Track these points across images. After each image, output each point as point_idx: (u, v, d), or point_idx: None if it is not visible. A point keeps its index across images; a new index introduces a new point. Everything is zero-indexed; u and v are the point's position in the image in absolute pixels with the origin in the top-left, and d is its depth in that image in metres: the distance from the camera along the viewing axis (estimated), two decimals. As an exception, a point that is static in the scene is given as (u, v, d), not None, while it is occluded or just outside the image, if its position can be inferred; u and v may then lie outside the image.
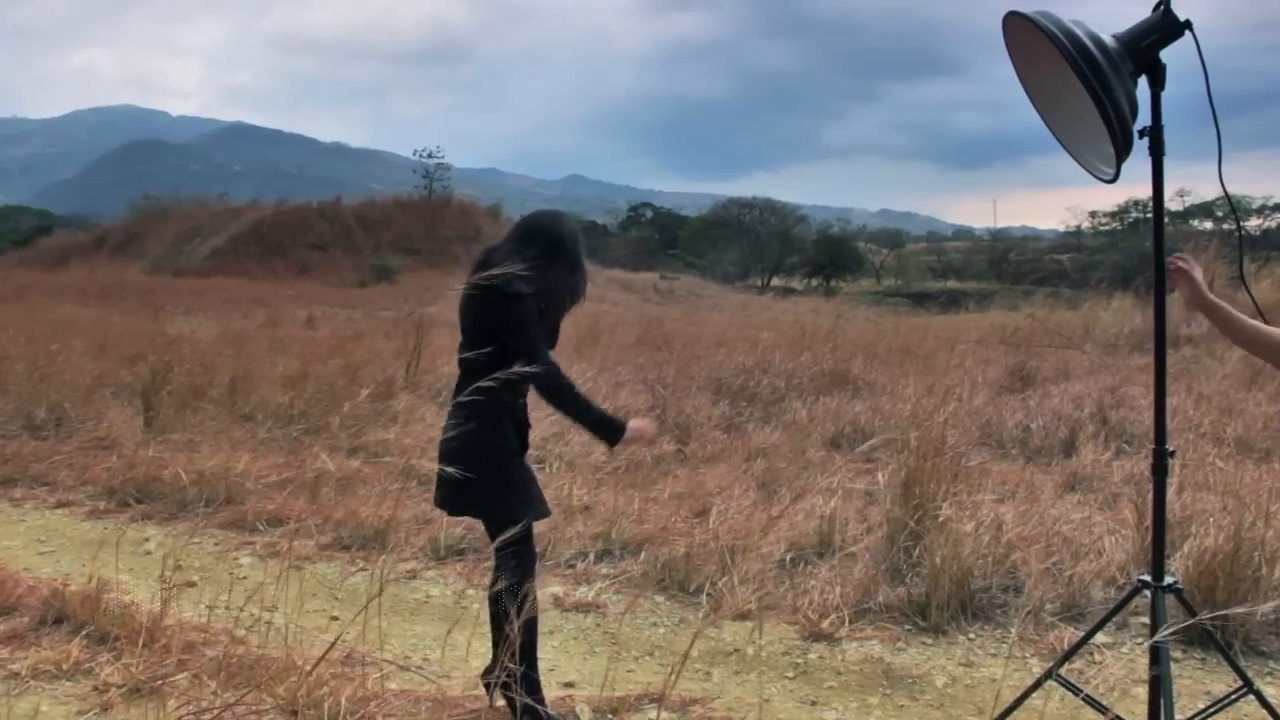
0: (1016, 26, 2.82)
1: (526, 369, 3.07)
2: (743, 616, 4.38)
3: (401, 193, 45.69)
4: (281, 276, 35.37)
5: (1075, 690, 3.18)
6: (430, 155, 45.98)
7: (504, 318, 3.19)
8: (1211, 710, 3.03)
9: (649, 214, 69.80)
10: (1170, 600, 2.84)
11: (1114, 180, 2.86)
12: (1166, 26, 2.71)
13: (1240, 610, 3.72)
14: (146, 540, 5.48)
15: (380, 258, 38.32)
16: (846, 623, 4.25)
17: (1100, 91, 2.62)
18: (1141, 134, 2.75)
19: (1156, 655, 2.77)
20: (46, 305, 17.97)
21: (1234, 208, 2.94)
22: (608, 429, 3.32)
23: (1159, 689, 2.81)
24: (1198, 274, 2.79)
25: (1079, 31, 2.66)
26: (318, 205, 43.33)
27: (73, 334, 11.56)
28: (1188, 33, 2.70)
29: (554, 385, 3.23)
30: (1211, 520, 4.20)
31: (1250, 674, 3.20)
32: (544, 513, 3.46)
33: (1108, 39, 2.69)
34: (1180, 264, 2.79)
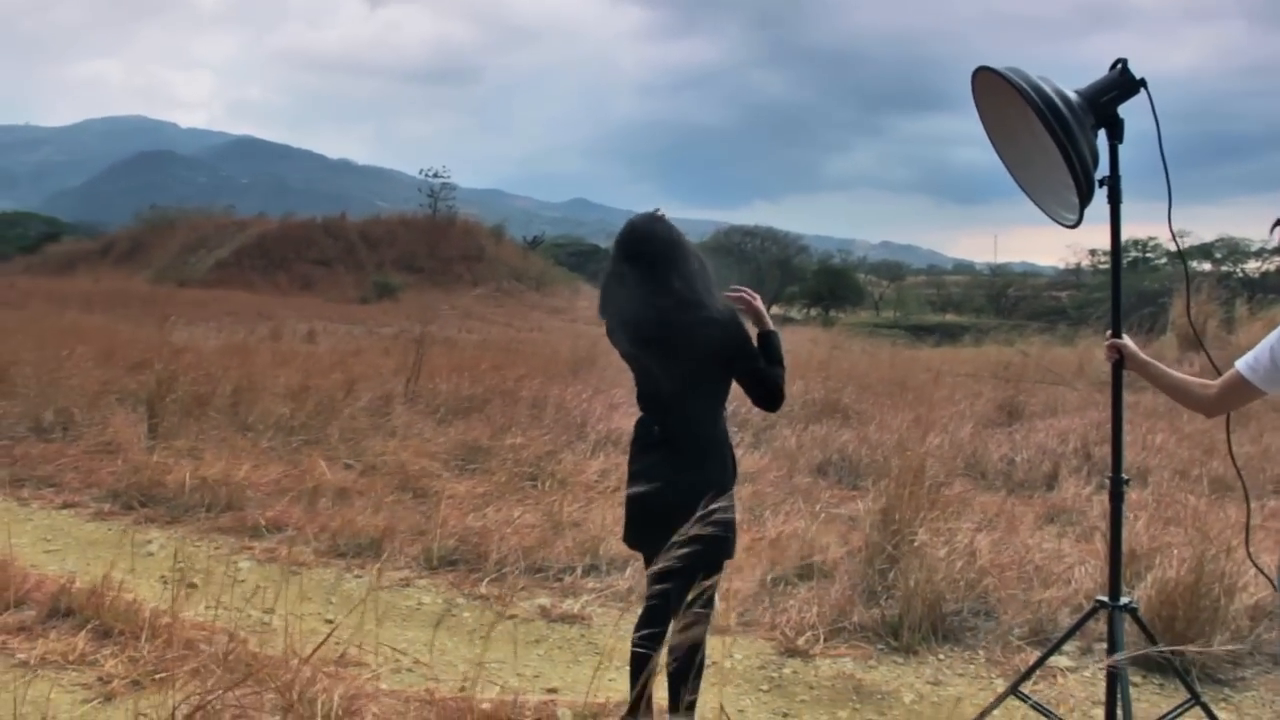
0: (985, 81, 3.02)
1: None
2: (721, 632, 4.53)
3: (406, 211, 45.80)
4: (284, 290, 35.55)
5: (1034, 705, 3.35)
6: (436, 175, 46.11)
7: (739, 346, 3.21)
8: (1161, 724, 3.20)
9: (651, 239, 69.90)
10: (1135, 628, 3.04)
11: (1076, 225, 3.06)
12: (1124, 84, 2.92)
13: (1193, 649, 3.91)
14: (149, 542, 5.64)
15: (383, 275, 38.51)
16: (821, 640, 4.41)
17: (1066, 142, 2.82)
18: (1101, 183, 2.96)
19: (1113, 668, 2.96)
20: (52, 311, 18.17)
21: (1181, 254, 3.16)
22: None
23: (1113, 701, 3.00)
24: (1132, 347, 3.16)
25: (1046, 86, 2.86)
26: (322, 221, 43.47)
27: (78, 340, 11.73)
28: (1144, 90, 2.91)
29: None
30: (1175, 552, 4.37)
31: (1205, 698, 3.36)
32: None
33: (1071, 94, 2.89)
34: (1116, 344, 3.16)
